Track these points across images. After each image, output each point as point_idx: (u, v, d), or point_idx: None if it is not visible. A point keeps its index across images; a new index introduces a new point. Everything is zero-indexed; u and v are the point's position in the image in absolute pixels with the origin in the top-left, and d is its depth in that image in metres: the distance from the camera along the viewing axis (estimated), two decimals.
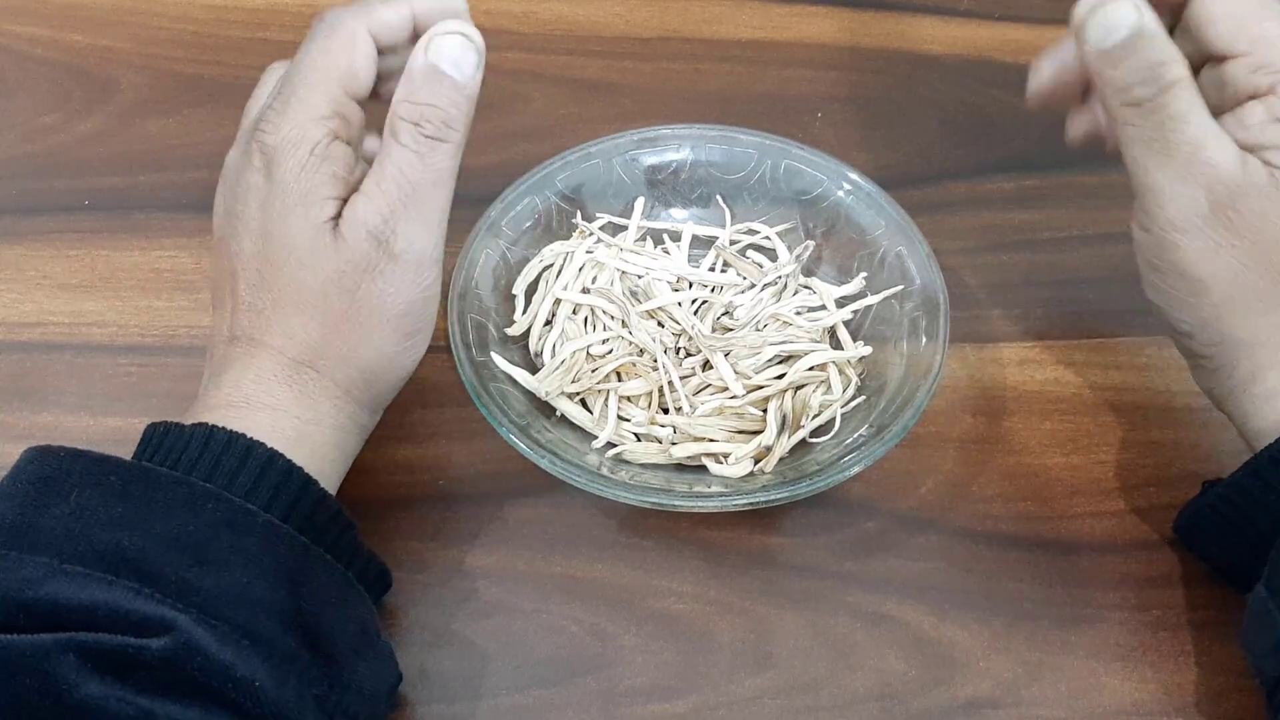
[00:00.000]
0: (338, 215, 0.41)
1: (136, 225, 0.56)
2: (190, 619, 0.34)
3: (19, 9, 0.64)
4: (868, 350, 0.50)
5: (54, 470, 0.37)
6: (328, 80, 0.41)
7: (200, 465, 0.38)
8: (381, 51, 0.42)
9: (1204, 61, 0.43)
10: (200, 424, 0.39)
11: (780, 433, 0.47)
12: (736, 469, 0.46)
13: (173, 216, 0.56)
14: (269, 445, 0.38)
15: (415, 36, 0.42)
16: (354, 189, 0.41)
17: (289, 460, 0.38)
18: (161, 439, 0.39)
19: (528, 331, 0.50)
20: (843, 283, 0.52)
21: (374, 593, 0.42)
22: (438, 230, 0.41)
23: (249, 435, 0.38)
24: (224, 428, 0.38)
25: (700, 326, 0.49)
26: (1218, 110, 0.41)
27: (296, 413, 0.40)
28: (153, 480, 0.37)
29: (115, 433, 0.49)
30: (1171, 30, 0.42)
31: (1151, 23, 0.40)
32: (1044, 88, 0.46)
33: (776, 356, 0.49)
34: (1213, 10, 0.42)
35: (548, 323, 0.50)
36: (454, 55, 0.40)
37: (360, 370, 0.41)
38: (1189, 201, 0.40)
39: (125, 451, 0.39)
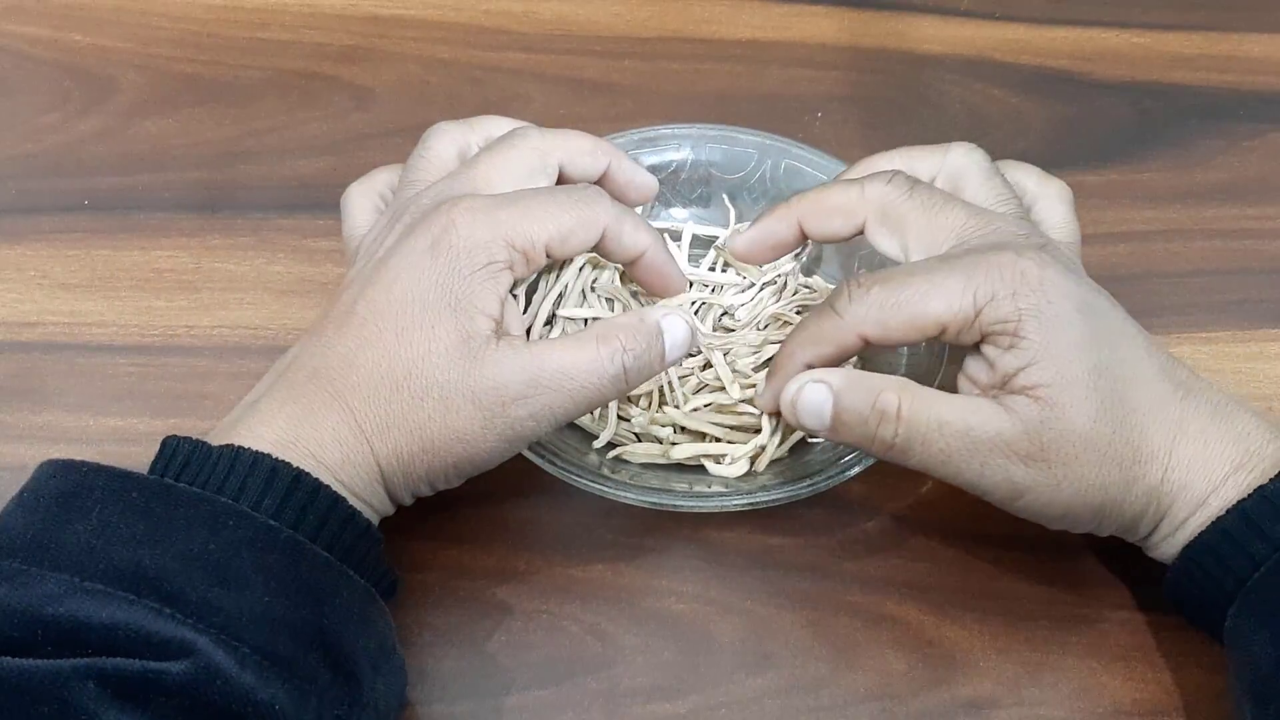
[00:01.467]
0: (493, 333, 0.41)
1: (136, 225, 0.56)
2: (210, 640, 0.34)
3: (19, 9, 0.64)
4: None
5: (76, 485, 0.36)
6: (545, 227, 0.42)
7: (228, 487, 0.37)
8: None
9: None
10: (227, 446, 0.38)
11: (775, 433, 0.47)
12: (733, 469, 0.46)
13: (173, 216, 0.56)
14: (293, 465, 0.38)
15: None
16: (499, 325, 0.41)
17: (315, 479, 0.38)
18: (188, 457, 0.38)
19: (528, 331, 0.50)
20: None
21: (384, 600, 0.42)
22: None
23: (274, 455, 0.38)
24: (249, 449, 0.38)
25: (700, 327, 0.49)
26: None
27: (345, 464, 0.39)
28: (175, 497, 0.36)
29: (115, 433, 0.49)
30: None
31: (838, 379, 0.42)
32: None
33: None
34: (881, 330, 0.42)
35: (548, 323, 0.50)
36: (679, 339, 0.42)
37: (423, 445, 0.40)
38: (1002, 474, 0.41)
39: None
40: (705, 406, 0.48)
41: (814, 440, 0.48)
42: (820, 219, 0.46)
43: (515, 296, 0.44)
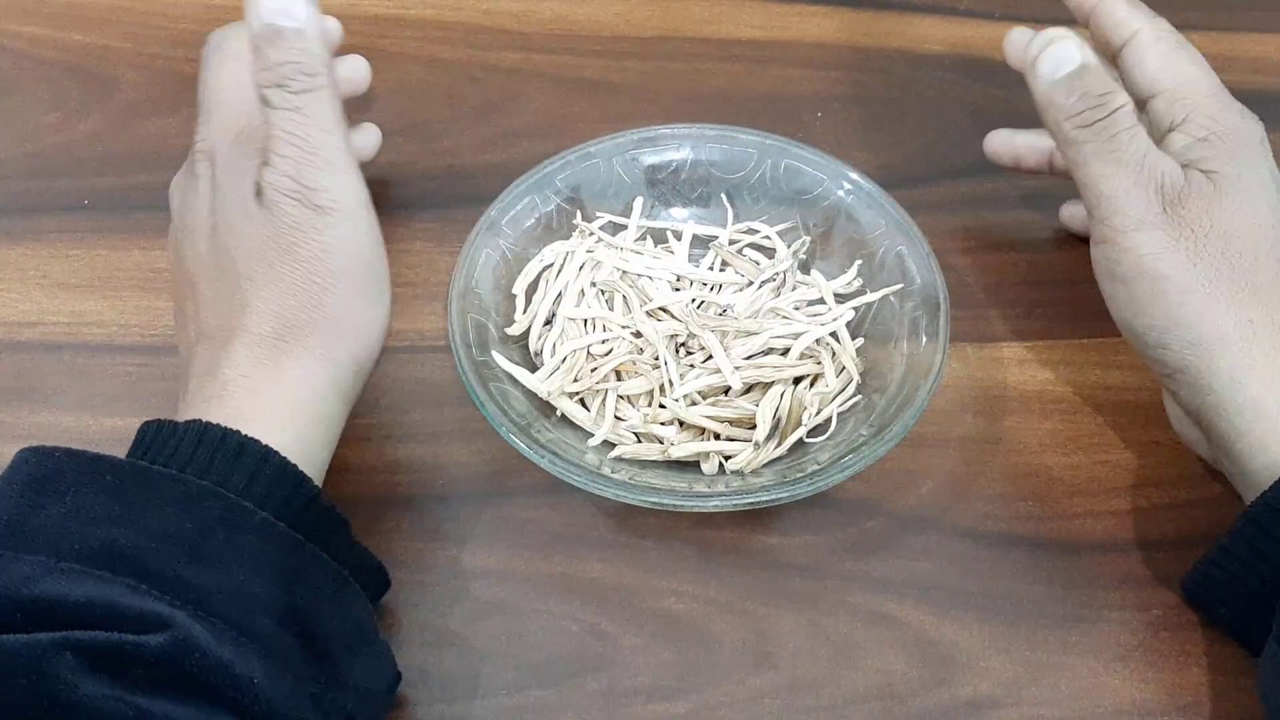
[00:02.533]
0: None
1: (136, 225, 0.56)
2: (187, 615, 0.34)
3: (19, 9, 0.64)
4: (860, 341, 0.50)
5: (49, 470, 0.37)
6: (237, 88, 0.43)
7: (195, 463, 0.38)
8: None
9: (1139, 106, 0.47)
10: (194, 421, 0.39)
11: (771, 434, 0.47)
12: (731, 466, 0.46)
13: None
14: (263, 442, 0.38)
15: None
16: None
17: (282, 457, 0.38)
18: (155, 436, 0.39)
19: (528, 331, 0.50)
20: None
21: (371, 591, 0.42)
22: (352, 174, 0.42)
23: (241, 431, 0.38)
24: (218, 424, 0.38)
25: (694, 310, 0.50)
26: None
27: (274, 390, 0.40)
28: (148, 478, 0.37)
29: (115, 432, 0.49)
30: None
31: (1094, 58, 0.46)
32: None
33: (774, 350, 0.49)
34: (1142, 55, 0.47)
35: (548, 322, 0.50)
36: (280, 7, 0.41)
37: (329, 330, 0.41)
38: (1143, 203, 0.44)
39: (125, 451, 0.39)
40: (704, 400, 0.48)
41: (811, 440, 0.48)
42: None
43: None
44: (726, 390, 0.48)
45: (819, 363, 0.49)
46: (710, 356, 0.48)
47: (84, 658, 0.33)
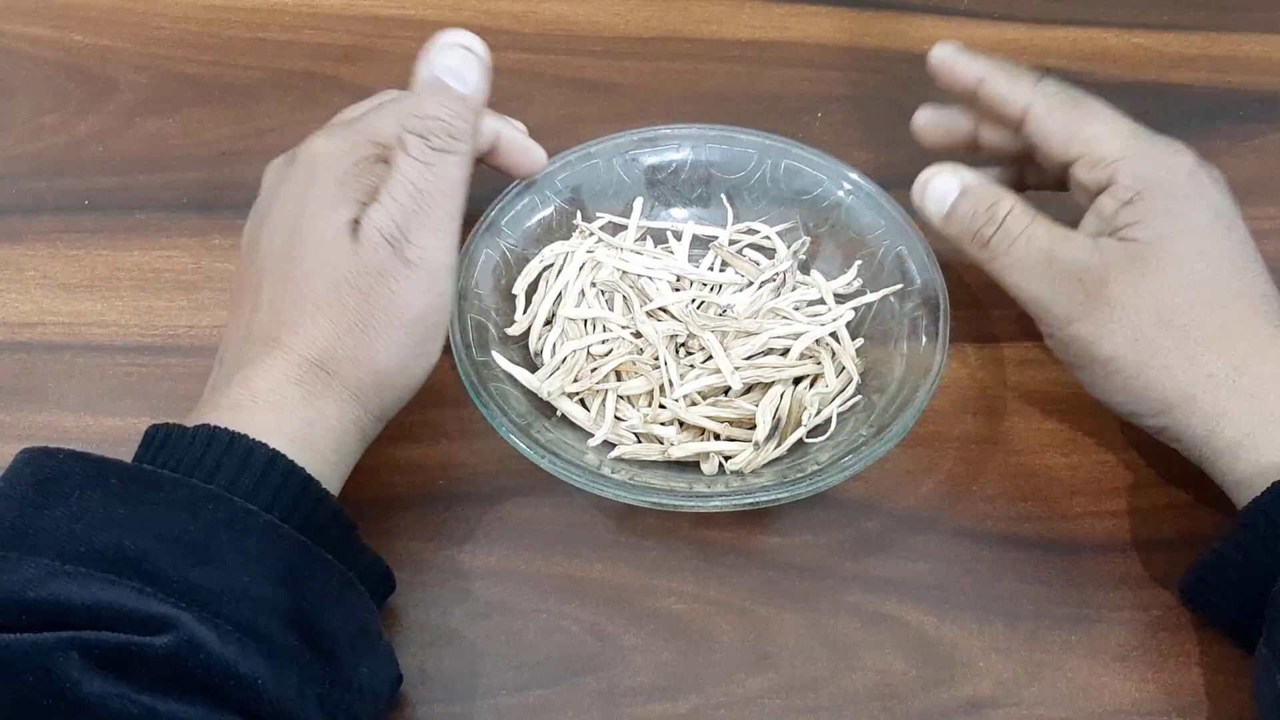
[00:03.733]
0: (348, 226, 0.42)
1: (136, 225, 0.56)
2: (192, 617, 0.34)
3: (19, 9, 0.64)
4: (860, 341, 0.50)
5: (53, 472, 0.37)
6: (397, 115, 0.43)
7: (202, 467, 0.38)
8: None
9: (1063, 173, 0.48)
10: (203, 425, 0.39)
11: (771, 435, 0.47)
12: (731, 466, 0.46)
13: (173, 216, 0.56)
14: (270, 445, 0.38)
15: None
16: None
17: (290, 461, 0.38)
18: (164, 440, 0.39)
19: (528, 331, 0.50)
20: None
21: (377, 594, 0.42)
22: (450, 239, 0.42)
23: (251, 436, 0.38)
24: (226, 429, 0.38)
25: (694, 310, 0.50)
26: (1086, 210, 0.47)
27: (302, 413, 0.40)
28: (153, 482, 0.37)
29: (115, 433, 0.49)
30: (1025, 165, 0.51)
31: (971, 178, 0.47)
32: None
33: (774, 350, 0.49)
34: (1042, 126, 0.47)
35: (548, 322, 0.50)
36: (455, 67, 0.41)
37: (371, 374, 0.41)
38: (1065, 299, 0.45)
39: (125, 452, 0.39)
40: (704, 400, 0.48)
41: (811, 440, 0.48)
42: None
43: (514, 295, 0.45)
44: (726, 390, 0.48)
45: (819, 363, 0.49)
46: (710, 357, 0.48)
47: (90, 657, 0.33)
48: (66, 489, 0.36)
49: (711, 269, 0.52)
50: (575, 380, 0.48)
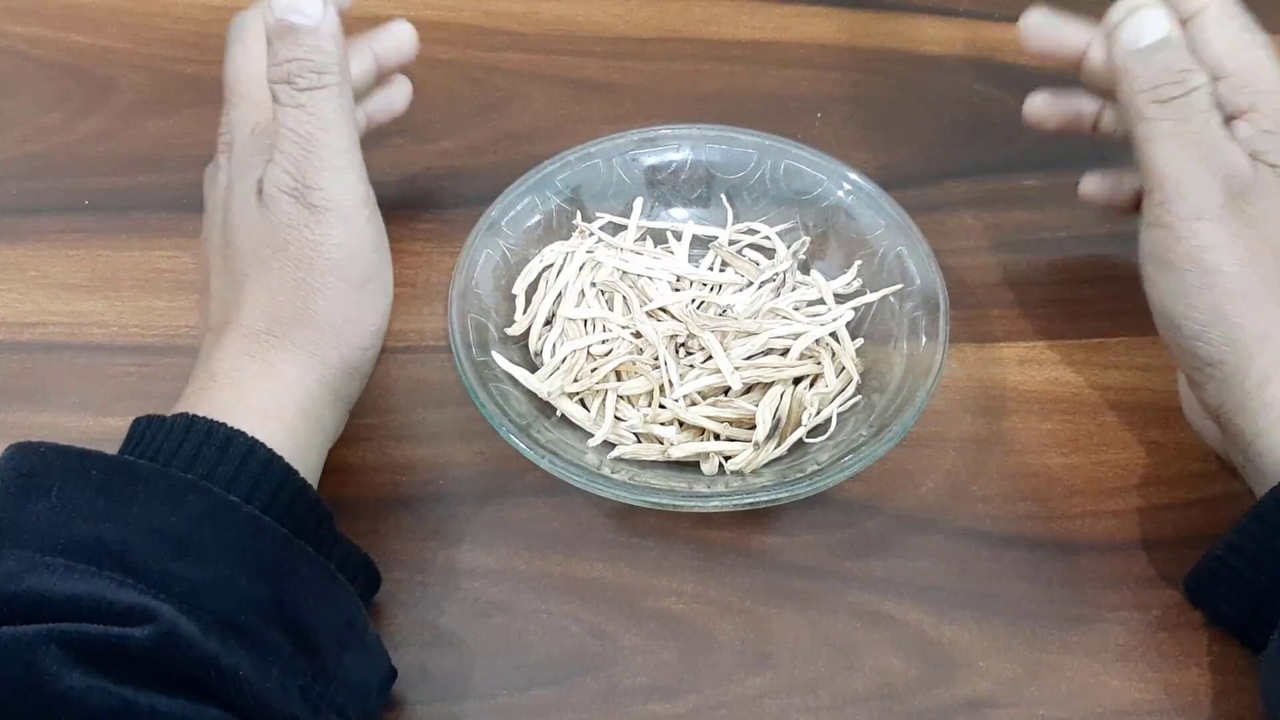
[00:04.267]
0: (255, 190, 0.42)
1: (136, 225, 0.56)
2: (173, 609, 0.34)
3: (19, 9, 0.64)
4: (860, 341, 0.50)
5: (35, 465, 0.37)
6: (257, 80, 0.44)
7: (181, 455, 0.38)
8: None
9: None
10: (181, 415, 0.39)
11: (771, 435, 0.47)
12: (731, 466, 0.47)
13: (173, 216, 0.56)
14: (247, 433, 0.38)
15: None
16: None
17: (269, 450, 0.38)
18: (145, 431, 0.39)
19: (528, 331, 0.50)
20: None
21: (359, 585, 0.42)
22: (353, 174, 0.42)
23: (228, 424, 0.38)
24: (204, 418, 0.38)
25: (694, 310, 0.50)
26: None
27: (260, 384, 0.40)
28: (134, 473, 0.37)
29: (115, 432, 0.48)
30: None
31: (1179, 33, 0.44)
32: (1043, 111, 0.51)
33: (774, 350, 0.49)
34: (1209, 35, 0.45)
35: (548, 322, 0.50)
36: (293, 3, 0.41)
37: (318, 328, 0.41)
38: (1209, 191, 0.42)
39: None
40: (704, 400, 0.48)
41: (811, 440, 0.48)
42: None
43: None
44: (726, 390, 0.48)
45: (819, 363, 0.49)
46: (710, 357, 0.48)
47: (70, 650, 0.33)
48: (48, 482, 0.36)
49: (711, 269, 0.52)
50: (575, 380, 0.48)
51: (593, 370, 0.48)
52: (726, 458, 0.47)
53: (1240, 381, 0.42)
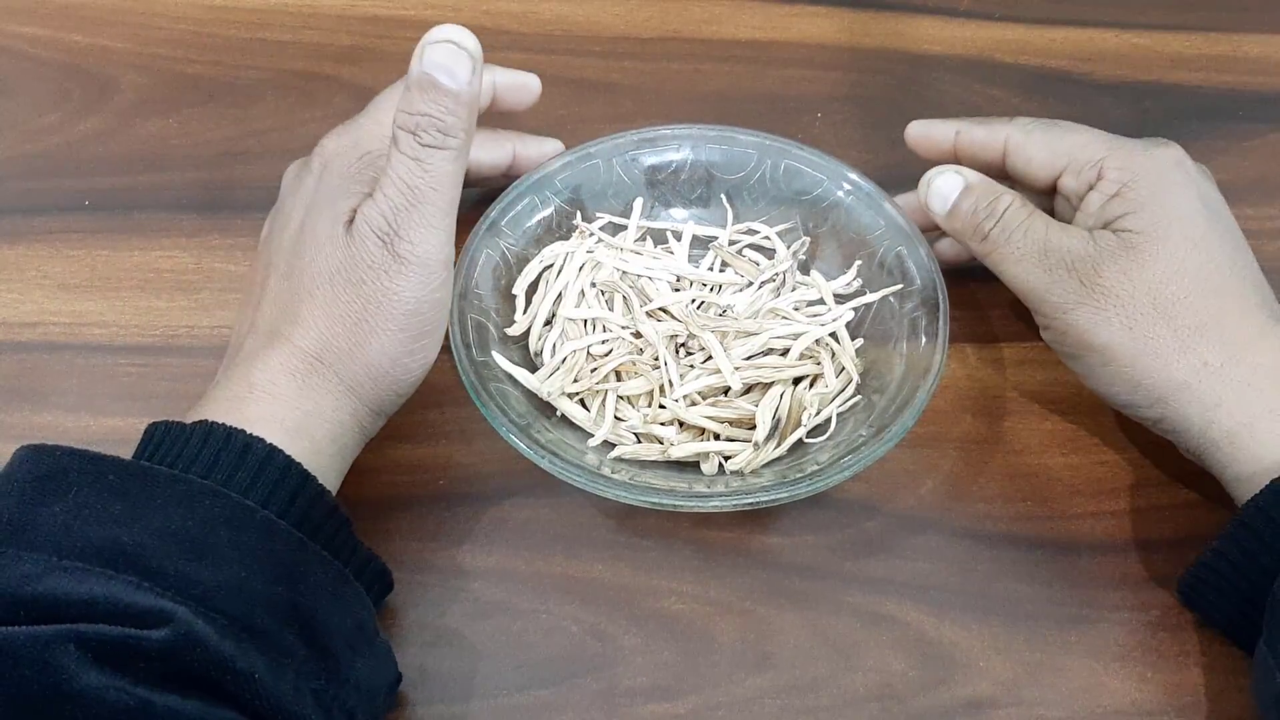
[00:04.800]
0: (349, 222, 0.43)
1: (136, 225, 0.56)
2: (189, 611, 0.34)
3: (19, 9, 0.64)
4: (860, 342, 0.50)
5: (51, 469, 0.37)
6: (393, 112, 0.43)
7: (199, 461, 0.38)
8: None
9: (1049, 193, 0.50)
10: (201, 421, 0.39)
11: (771, 435, 0.47)
12: (731, 466, 0.47)
13: (173, 216, 0.56)
14: (267, 440, 0.39)
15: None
16: None
17: (287, 455, 0.39)
18: (163, 436, 0.39)
19: (528, 331, 0.50)
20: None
21: (374, 592, 0.42)
22: (443, 234, 0.42)
23: (248, 430, 0.39)
24: (223, 424, 0.39)
25: (694, 310, 0.50)
26: (1072, 221, 0.48)
27: (297, 404, 0.40)
28: (150, 478, 0.37)
29: (115, 433, 0.49)
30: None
31: (973, 177, 0.49)
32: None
33: (774, 350, 0.49)
34: (1024, 152, 0.49)
35: (548, 323, 0.50)
36: (445, 63, 0.41)
37: (365, 368, 0.42)
38: (1061, 288, 0.46)
39: (125, 452, 0.39)
40: (704, 401, 0.48)
41: (811, 440, 0.48)
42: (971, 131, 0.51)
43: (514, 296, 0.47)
44: (726, 390, 0.48)
45: (819, 363, 0.49)
46: (710, 357, 0.48)
47: (87, 650, 0.33)
48: (64, 485, 0.36)
49: (711, 269, 0.52)
50: (575, 380, 0.48)
51: (593, 370, 0.48)
52: (726, 458, 0.47)
53: (1188, 430, 0.44)
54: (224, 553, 0.36)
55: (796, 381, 0.49)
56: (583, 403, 0.49)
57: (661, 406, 0.48)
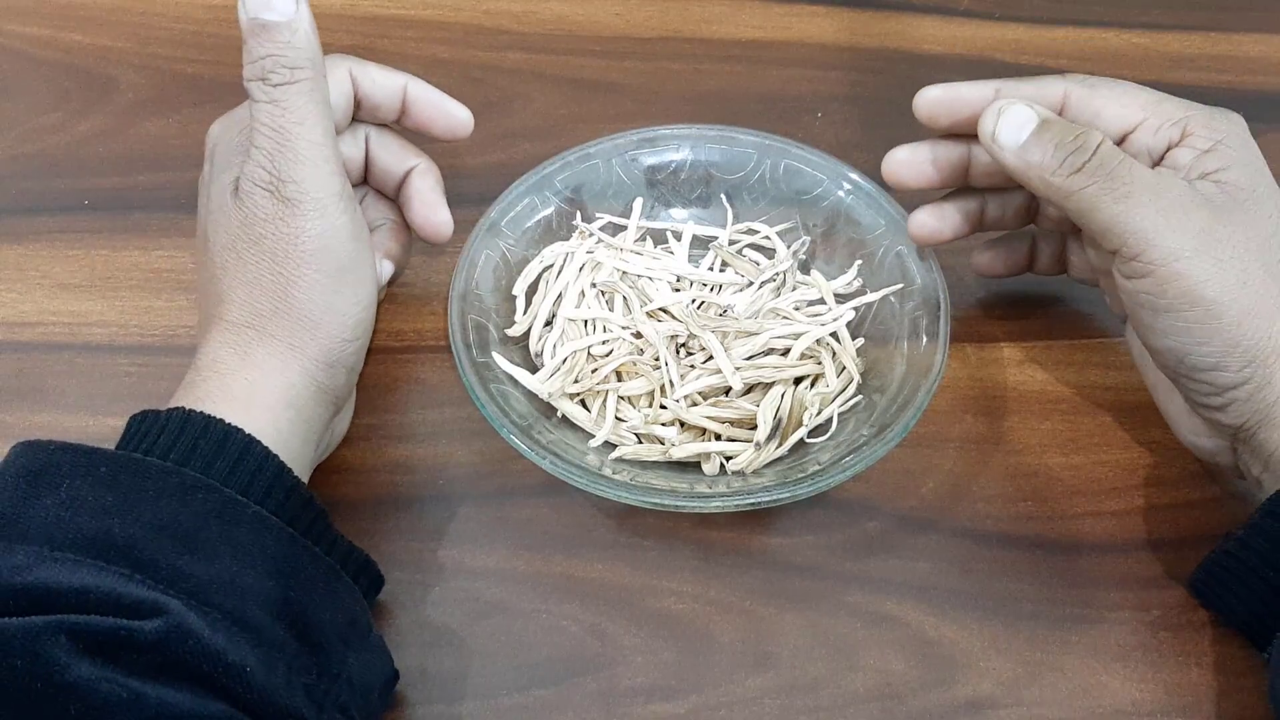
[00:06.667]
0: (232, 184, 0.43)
1: (136, 225, 0.56)
2: (181, 604, 0.34)
3: (19, 9, 0.64)
4: (860, 341, 0.50)
5: (44, 462, 0.37)
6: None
7: (178, 449, 0.38)
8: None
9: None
10: (176, 408, 0.39)
11: (772, 435, 0.47)
12: (732, 466, 0.46)
13: (173, 216, 0.56)
14: (245, 431, 0.39)
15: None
16: None
17: (265, 448, 0.39)
18: (139, 426, 0.39)
19: (528, 332, 0.50)
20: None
21: (364, 587, 0.42)
22: (326, 166, 0.42)
23: (211, 414, 0.39)
24: (200, 413, 0.39)
25: (694, 311, 0.50)
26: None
27: (242, 374, 0.41)
28: (142, 470, 0.37)
29: (115, 432, 0.48)
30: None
31: (1046, 111, 0.44)
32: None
33: (774, 350, 0.49)
34: (1091, 107, 0.45)
35: (548, 323, 0.50)
36: (266, 1, 0.41)
37: (298, 320, 0.42)
38: (1177, 231, 0.42)
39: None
40: (705, 401, 0.48)
41: (812, 440, 0.48)
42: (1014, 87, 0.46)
43: None
44: (727, 391, 0.48)
45: (819, 363, 0.49)
46: (711, 357, 0.48)
47: (79, 641, 0.33)
48: (56, 478, 0.36)
49: (711, 269, 0.52)
50: (576, 381, 0.48)
51: (593, 371, 0.48)
52: (728, 458, 0.47)
53: (1264, 397, 0.42)
54: (215, 546, 0.36)
55: (797, 381, 0.49)
56: (583, 403, 0.49)
57: (663, 407, 0.48)
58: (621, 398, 0.48)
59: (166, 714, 0.33)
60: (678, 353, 0.49)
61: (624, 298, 0.50)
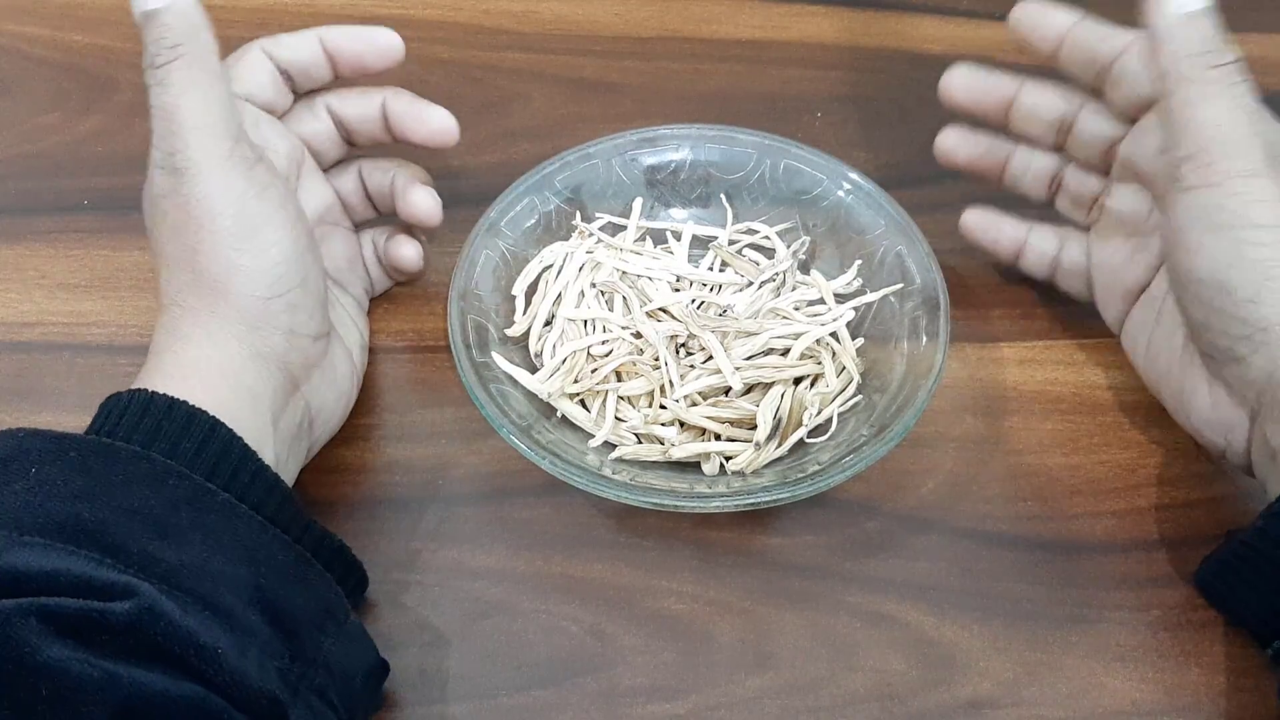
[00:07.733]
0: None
1: (136, 225, 0.55)
2: (153, 587, 0.34)
3: (19, 9, 0.64)
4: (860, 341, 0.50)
5: (12, 449, 0.37)
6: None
7: (141, 429, 0.38)
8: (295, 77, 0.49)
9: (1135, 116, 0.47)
10: (140, 390, 0.39)
11: (772, 435, 0.47)
12: (732, 466, 0.46)
13: None
14: (209, 413, 0.39)
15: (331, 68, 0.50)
16: None
17: (229, 430, 0.39)
18: (104, 407, 0.40)
19: (528, 332, 0.50)
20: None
21: (338, 573, 0.41)
22: (208, 132, 0.42)
23: (189, 402, 0.39)
24: (164, 394, 0.39)
25: (694, 311, 0.50)
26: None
27: (172, 349, 0.42)
28: (113, 455, 0.37)
29: None
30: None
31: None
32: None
33: (774, 350, 0.49)
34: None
35: (548, 323, 0.50)
36: None
37: (209, 286, 0.42)
38: (1259, 150, 0.43)
39: None
40: (704, 401, 0.48)
41: (812, 440, 0.48)
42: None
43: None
44: (727, 391, 0.48)
45: (819, 363, 0.49)
46: (710, 357, 0.48)
47: (50, 623, 0.33)
48: (25, 464, 0.36)
49: (711, 269, 0.52)
50: (575, 381, 0.48)
51: (593, 371, 0.48)
52: (727, 458, 0.47)
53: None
54: (186, 533, 0.36)
55: (797, 381, 0.49)
56: (583, 403, 0.49)
57: (662, 407, 0.48)
58: (621, 398, 0.48)
59: (139, 694, 0.33)
60: (677, 353, 0.49)
61: (624, 298, 0.50)
